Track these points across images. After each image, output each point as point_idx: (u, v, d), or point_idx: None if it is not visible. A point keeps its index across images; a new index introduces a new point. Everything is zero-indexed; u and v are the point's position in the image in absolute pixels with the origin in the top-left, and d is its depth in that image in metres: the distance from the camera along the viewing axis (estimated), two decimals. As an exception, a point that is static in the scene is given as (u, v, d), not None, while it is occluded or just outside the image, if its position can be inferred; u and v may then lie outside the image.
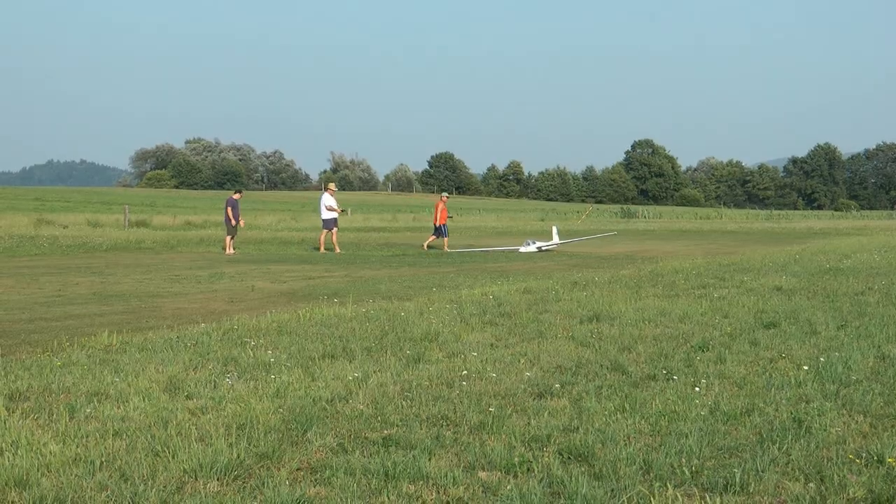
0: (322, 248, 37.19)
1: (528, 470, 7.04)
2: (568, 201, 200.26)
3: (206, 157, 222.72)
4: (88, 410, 8.66)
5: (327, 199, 38.22)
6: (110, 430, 7.99)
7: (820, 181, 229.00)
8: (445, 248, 39.41)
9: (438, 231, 40.41)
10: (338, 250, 36.77)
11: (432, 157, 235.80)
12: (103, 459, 7.17)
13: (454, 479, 6.80)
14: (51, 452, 7.27)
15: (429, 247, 40.00)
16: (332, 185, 40.12)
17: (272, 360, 11.19)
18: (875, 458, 7.26)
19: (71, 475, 6.81)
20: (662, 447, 7.53)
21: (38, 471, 6.90)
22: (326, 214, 37.84)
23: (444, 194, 43.09)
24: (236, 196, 38.46)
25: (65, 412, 8.54)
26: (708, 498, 6.23)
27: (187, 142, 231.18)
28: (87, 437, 7.80)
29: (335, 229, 37.73)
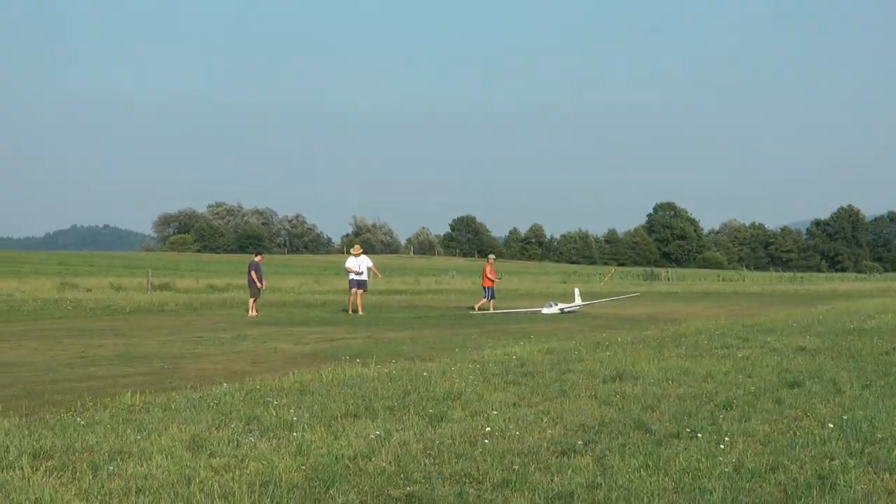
0: (350, 310, 37.55)
1: (552, 526, 7.00)
2: (590, 264, 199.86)
3: (229, 221, 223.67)
4: (111, 468, 8.67)
5: (348, 262, 39.39)
6: (133, 487, 7.99)
7: (843, 243, 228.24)
8: (491, 308, 40.24)
9: (486, 292, 41.38)
10: (360, 312, 36.99)
11: (454, 220, 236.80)
12: (126, 516, 7.17)
13: (477, 536, 6.77)
14: (74, 509, 7.28)
15: (479, 309, 40.32)
16: (353, 249, 40.78)
17: (294, 418, 11.19)
18: (902, 514, 7.20)
19: (94, 531, 6.81)
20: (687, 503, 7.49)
21: (61, 527, 6.90)
22: (349, 275, 38.61)
23: (491, 256, 44.41)
24: (258, 259, 38.71)
25: (88, 470, 8.56)
26: (733, 553, 6.19)
27: (209, 206, 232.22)
28: (110, 494, 7.81)
29: (356, 290, 38.20)
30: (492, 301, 40.95)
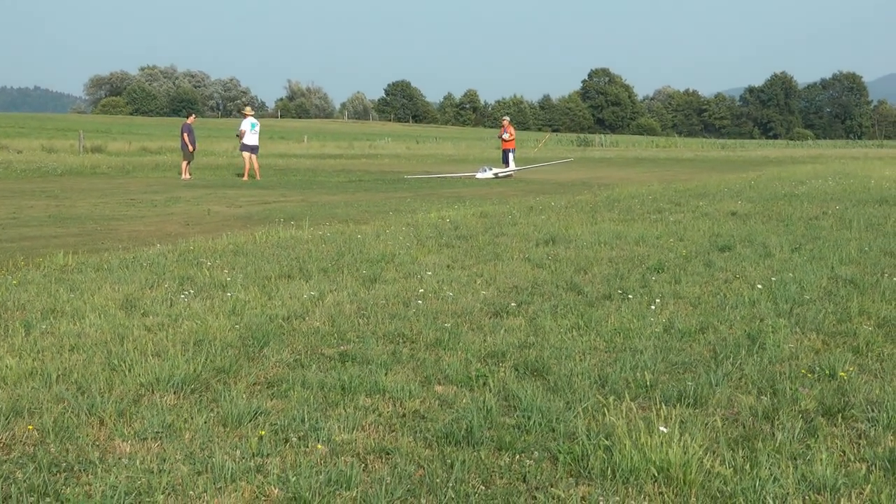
0: (246, 176, 35.97)
1: (485, 384, 7.08)
2: (524, 130, 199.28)
3: (162, 84, 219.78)
4: (44, 326, 8.64)
5: (241, 125, 37.27)
6: (66, 345, 7.97)
7: (776, 111, 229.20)
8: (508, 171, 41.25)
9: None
10: (251, 177, 35.60)
11: (389, 85, 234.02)
12: (60, 373, 7.16)
13: (411, 393, 6.84)
14: (6, 366, 7.24)
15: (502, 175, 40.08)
16: (245, 109, 38.78)
17: (228, 279, 11.19)
18: (827, 372, 7.35)
19: (27, 387, 6.79)
20: (617, 362, 7.60)
21: (-7, 384, 6.88)
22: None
23: (505, 118, 46.76)
24: (190, 120, 38.11)
25: (20, 328, 8.52)
26: (663, 408, 6.30)
27: (141, 68, 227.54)
28: (43, 351, 7.78)
29: (248, 154, 36.48)
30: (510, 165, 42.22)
